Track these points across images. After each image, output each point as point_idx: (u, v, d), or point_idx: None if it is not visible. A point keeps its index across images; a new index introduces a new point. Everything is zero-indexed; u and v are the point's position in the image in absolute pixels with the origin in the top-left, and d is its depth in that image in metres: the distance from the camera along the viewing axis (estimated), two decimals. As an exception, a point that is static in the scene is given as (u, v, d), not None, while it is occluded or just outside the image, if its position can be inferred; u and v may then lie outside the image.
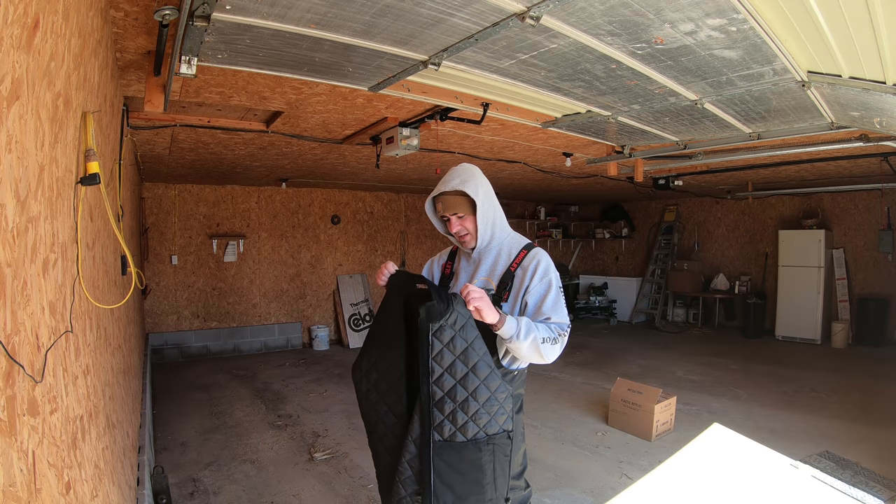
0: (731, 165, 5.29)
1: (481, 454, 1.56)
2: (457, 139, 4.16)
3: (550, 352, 1.60)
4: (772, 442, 3.74)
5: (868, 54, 1.97)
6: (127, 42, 2.10)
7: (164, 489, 2.78)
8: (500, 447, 1.59)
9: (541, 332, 1.58)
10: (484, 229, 1.75)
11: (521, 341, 1.55)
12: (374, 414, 1.72)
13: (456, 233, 1.78)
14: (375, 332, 1.74)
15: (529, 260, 1.71)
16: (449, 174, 1.78)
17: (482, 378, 1.54)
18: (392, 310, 1.69)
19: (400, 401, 1.65)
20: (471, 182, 1.73)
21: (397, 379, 1.66)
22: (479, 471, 1.57)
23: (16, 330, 0.76)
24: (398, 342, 1.66)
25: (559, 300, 1.67)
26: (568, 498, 3.03)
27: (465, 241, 1.80)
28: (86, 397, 1.33)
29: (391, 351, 1.67)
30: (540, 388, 5.26)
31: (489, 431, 1.56)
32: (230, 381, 5.77)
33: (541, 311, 1.65)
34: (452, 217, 1.77)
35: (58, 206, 1.07)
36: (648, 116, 3.18)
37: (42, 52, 0.92)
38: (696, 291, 8.73)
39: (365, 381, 1.74)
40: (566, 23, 1.85)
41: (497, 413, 1.56)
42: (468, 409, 1.53)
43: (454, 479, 1.56)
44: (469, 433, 1.54)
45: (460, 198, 1.74)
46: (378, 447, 1.74)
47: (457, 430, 1.55)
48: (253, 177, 6.36)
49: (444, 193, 1.76)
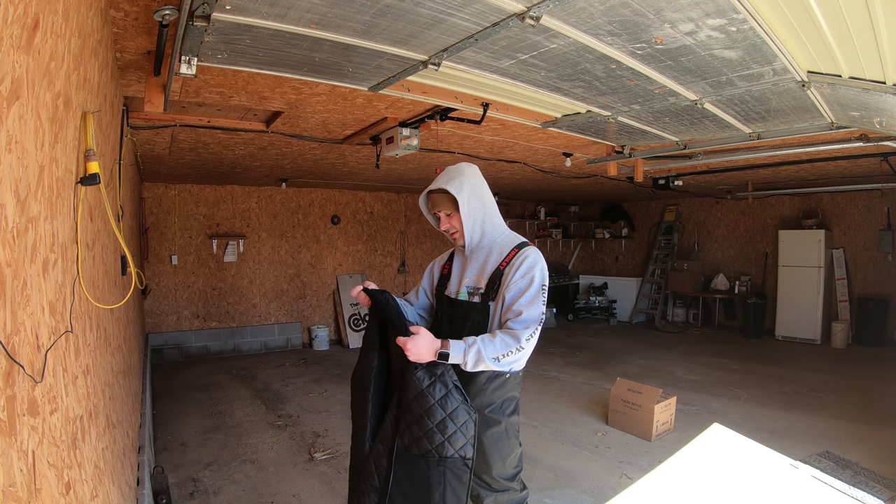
0: (731, 165, 5.29)
1: (430, 473, 1.56)
2: (457, 139, 4.16)
3: (512, 362, 1.61)
4: (772, 442, 3.74)
5: (868, 54, 1.97)
6: (127, 42, 2.10)
7: (164, 489, 2.78)
8: (454, 473, 1.56)
9: (496, 350, 1.58)
10: (470, 227, 1.78)
11: (470, 368, 1.59)
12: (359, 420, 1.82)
13: (445, 230, 1.84)
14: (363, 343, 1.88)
15: (518, 257, 1.73)
16: (442, 173, 1.84)
17: (437, 398, 1.56)
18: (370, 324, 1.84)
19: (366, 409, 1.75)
20: (456, 180, 1.76)
21: (366, 386, 1.77)
22: (427, 489, 1.57)
23: (16, 330, 0.76)
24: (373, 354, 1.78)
25: (538, 297, 1.65)
26: (568, 498, 3.03)
27: (455, 238, 1.86)
28: (86, 397, 1.33)
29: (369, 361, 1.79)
30: (540, 388, 5.26)
31: (441, 453, 1.55)
32: (230, 381, 5.77)
33: (514, 306, 1.64)
34: (441, 214, 1.83)
35: (58, 206, 1.07)
36: (648, 116, 3.18)
37: (42, 52, 0.92)
38: (696, 291, 8.73)
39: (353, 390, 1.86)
40: (566, 23, 1.85)
41: (452, 436, 1.55)
42: (422, 425, 1.56)
43: (408, 488, 1.60)
44: (422, 449, 1.57)
45: (445, 196, 1.79)
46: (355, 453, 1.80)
47: (413, 443, 1.58)
48: (253, 177, 6.36)
49: (432, 192, 1.83)
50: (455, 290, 1.86)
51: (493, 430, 1.74)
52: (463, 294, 1.82)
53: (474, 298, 1.78)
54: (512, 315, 1.64)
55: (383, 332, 1.76)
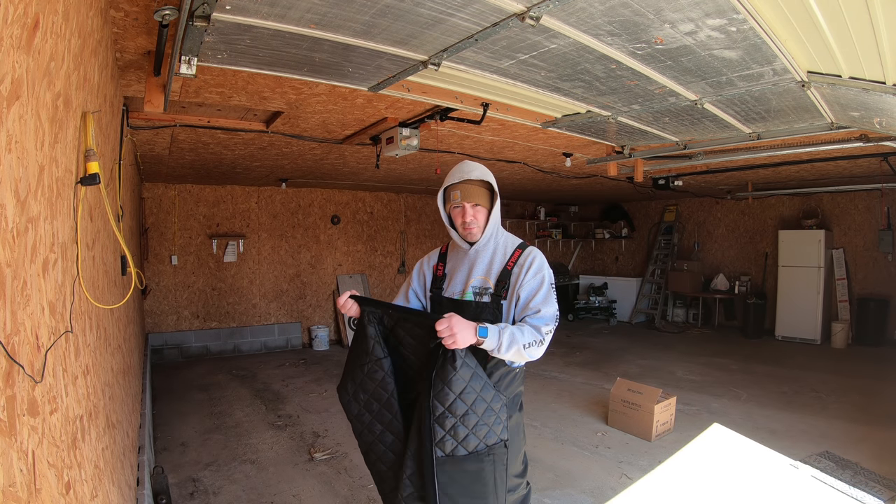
0: (731, 165, 5.29)
1: (483, 465, 1.59)
2: (457, 139, 4.16)
3: (535, 353, 1.62)
4: (772, 442, 3.74)
5: (868, 54, 1.97)
6: (127, 42, 2.10)
7: (164, 489, 2.78)
8: (499, 456, 1.62)
9: (525, 337, 1.59)
10: (493, 224, 1.80)
11: (504, 353, 1.58)
12: (369, 434, 1.74)
13: (467, 221, 1.77)
14: (356, 353, 1.75)
15: (525, 257, 1.76)
16: (465, 166, 1.80)
17: (479, 390, 1.56)
18: (370, 331, 1.71)
19: (395, 418, 1.68)
20: (489, 176, 1.80)
21: (388, 397, 1.68)
22: (481, 482, 1.59)
23: (16, 330, 0.76)
24: (383, 361, 1.69)
25: (550, 295, 1.71)
26: (568, 498, 3.03)
27: (471, 232, 1.79)
28: (86, 397, 1.33)
29: (378, 371, 1.69)
30: (540, 388, 5.26)
31: (488, 442, 1.59)
32: (230, 382, 5.77)
33: (531, 304, 1.69)
34: (468, 205, 1.77)
35: (58, 206, 1.07)
36: (648, 116, 3.18)
37: (42, 52, 0.92)
38: (695, 291, 8.73)
39: (354, 404, 1.75)
40: (566, 23, 1.85)
41: (494, 423, 1.59)
42: (468, 421, 1.55)
43: (457, 493, 1.58)
44: (470, 446, 1.57)
45: (483, 189, 1.79)
46: (378, 465, 1.75)
47: (459, 444, 1.56)
48: (253, 177, 6.36)
49: (467, 181, 1.77)
50: (458, 290, 1.81)
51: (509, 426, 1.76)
52: (469, 295, 1.78)
53: (483, 298, 1.76)
54: (530, 312, 1.67)
55: (386, 338, 1.70)
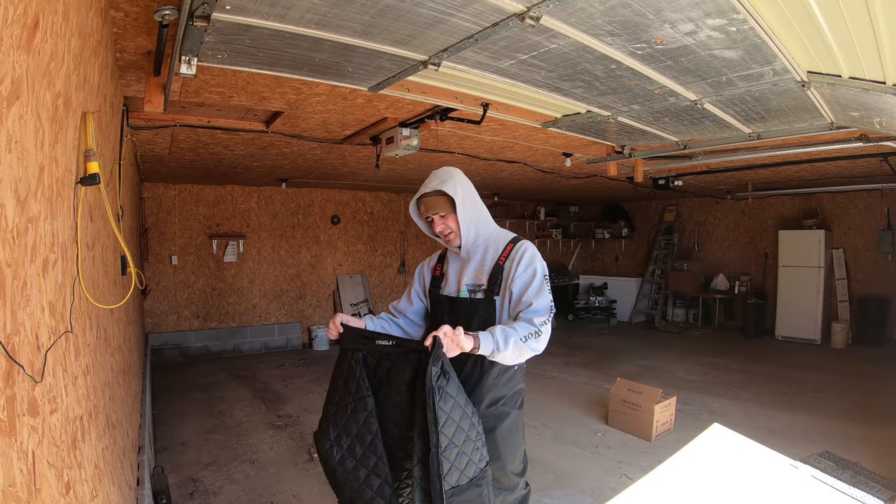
0: (731, 165, 5.29)
1: (482, 489, 1.57)
2: (457, 139, 4.16)
3: (536, 345, 1.61)
4: (772, 442, 3.74)
5: (868, 54, 1.97)
6: (127, 42, 2.10)
7: (164, 489, 2.78)
8: (488, 476, 1.61)
9: (519, 331, 1.58)
10: (466, 226, 1.79)
11: (503, 352, 1.56)
12: (354, 480, 1.62)
13: (440, 232, 1.82)
14: (336, 394, 1.68)
15: (516, 251, 1.76)
16: (429, 178, 1.82)
17: (471, 415, 1.55)
18: (351, 370, 1.65)
19: (381, 460, 1.60)
20: (449, 182, 1.77)
21: (373, 438, 1.61)
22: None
23: (16, 330, 0.76)
24: (367, 400, 1.62)
25: (543, 287, 1.69)
26: (568, 498, 3.03)
27: (450, 240, 1.84)
28: (86, 397, 1.33)
29: (361, 411, 1.62)
30: (540, 388, 5.26)
31: (481, 466, 1.58)
32: (230, 382, 5.77)
33: (524, 298, 1.68)
34: (436, 217, 1.81)
35: (58, 206, 1.07)
36: (648, 117, 3.18)
37: (42, 52, 0.92)
38: (695, 291, 8.73)
39: (336, 449, 1.65)
40: (566, 23, 1.85)
41: (482, 444, 1.58)
42: (468, 449, 1.52)
43: None
44: (471, 472, 1.54)
45: (441, 197, 1.78)
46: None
47: (461, 473, 1.52)
48: (253, 177, 6.36)
49: (425, 195, 1.81)
50: (454, 289, 1.85)
51: (505, 424, 1.76)
52: (464, 292, 1.82)
53: (477, 295, 1.78)
54: (523, 307, 1.66)
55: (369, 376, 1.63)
